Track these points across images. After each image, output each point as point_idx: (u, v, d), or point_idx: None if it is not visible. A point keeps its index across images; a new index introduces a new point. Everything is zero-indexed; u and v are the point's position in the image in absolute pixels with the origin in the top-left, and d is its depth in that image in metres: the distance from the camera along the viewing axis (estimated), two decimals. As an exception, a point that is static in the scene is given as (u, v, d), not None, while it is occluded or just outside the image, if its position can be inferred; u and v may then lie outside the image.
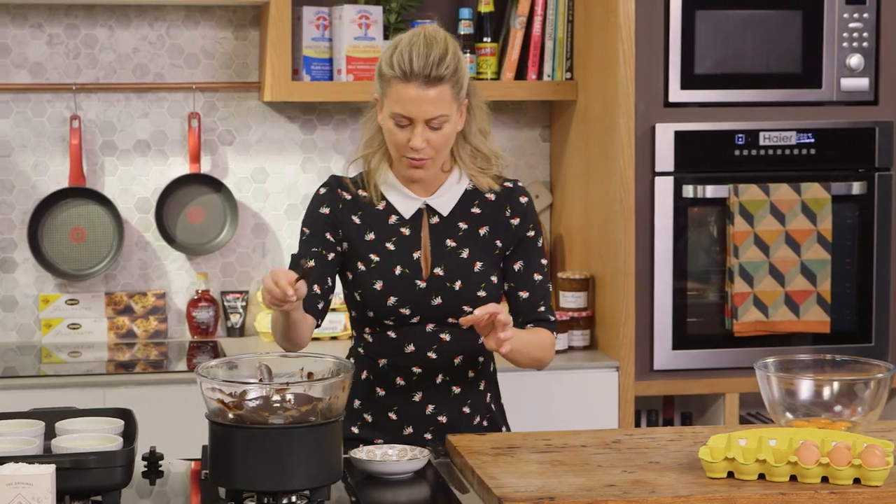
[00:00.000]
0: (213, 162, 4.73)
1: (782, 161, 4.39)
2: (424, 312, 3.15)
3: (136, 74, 4.68)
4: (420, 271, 3.16)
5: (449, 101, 3.06)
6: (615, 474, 2.77)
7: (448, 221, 3.19)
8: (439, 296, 3.15)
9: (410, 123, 3.05)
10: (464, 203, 3.20)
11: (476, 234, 3.19)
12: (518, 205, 3.22)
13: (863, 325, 4.46)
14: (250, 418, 2.57)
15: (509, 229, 3.21)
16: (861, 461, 2.66)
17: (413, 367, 3.18)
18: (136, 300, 4.68)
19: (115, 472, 2.56)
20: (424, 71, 3.02)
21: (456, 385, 3.21)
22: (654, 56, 4.34)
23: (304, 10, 4.55)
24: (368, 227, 3.18)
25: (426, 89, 3.03)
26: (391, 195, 3.19)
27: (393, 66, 3.05)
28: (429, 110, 3.04)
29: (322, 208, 3.20)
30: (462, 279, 3.15)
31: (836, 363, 3.12)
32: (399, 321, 3.16)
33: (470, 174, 3.20)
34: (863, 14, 4.41)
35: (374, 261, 3.15)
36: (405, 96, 3.03)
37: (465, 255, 3.17)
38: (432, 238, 3.18)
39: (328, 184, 3.24)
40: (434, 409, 3.21)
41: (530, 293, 3.22)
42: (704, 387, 4.41)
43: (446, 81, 3.04)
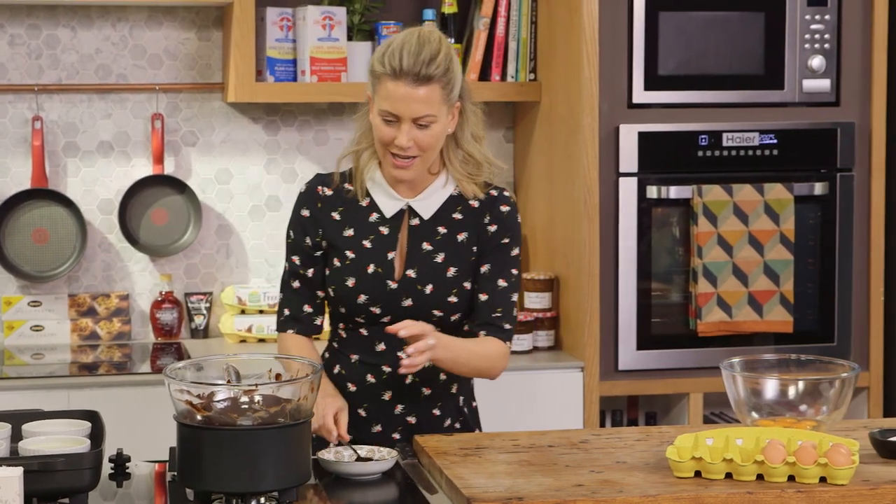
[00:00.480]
0: (176, 163, 4.71)
1: (745, 162, 4.41)
2: (395, 313, 3.16)
3: (98, 75, 4.66)
4: (393, 272, 3.17)
5: (438, 101, 3.06)
6: (583, 474, 2.77)
7: (428, 225, 3.19)
8: (410, 297, 3.16)
9: (398, 121, 3.06)
10: (447, 207, 3.20)
11: (454, 239, 3.19)
12: (498, 213, 3.21)
13: (825, 325, 4.49)
14: (219, 420, 2.57)
15: (485, 235, 3.20)
16: (827, 460, 2.68)
17: (383, 365, 3.19)
18: (99, 302, 4.66)
19: (84, 475, 2.55)
20: (414, 69, 3.03)
21: (426, 387, 3.22)
22: (617, 57, 4.35)
23: (267, 10, 4.54)
24: (348, 223, 3.19)
25: (415, 88, 3.04)
26: (376, 193, 3.20)
27: (384, 64, 3.06)
28: (416, 109, 3.04)
29: (302, 210, 3.23)
30: (434, 283, 3.16)
31: (801, 363, 3.14)
32: (370, 319, 3.18)
33: (457, 179, 3.20)
34: (824, 15, 4.44)
35: (349, 257, 3.17)
36: (394, 94, 3.04)
37: (439, 260, 3.17)
38: (409, 240, 3.18)
39: (310, 183, 3.26)
40: (403, 409, 3.22)
41: (489, 297, 3.20)
42: (669, 387, 4.43)
43: (436, 81, 3.05)
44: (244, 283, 4.76)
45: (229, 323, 4.61)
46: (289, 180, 4.77)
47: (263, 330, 4.60)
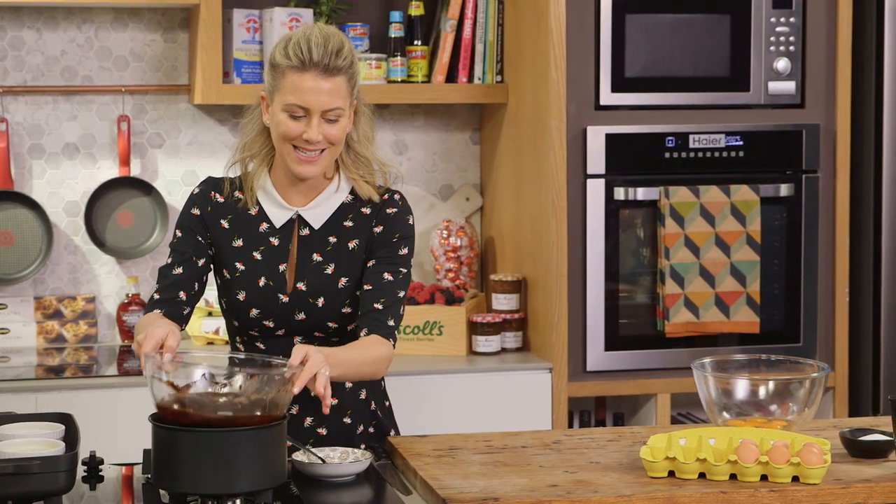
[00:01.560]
0: (142, 165, 4.70)
1: (712, 163, 4.44)
2: (289, 326, 3.09)
3: (64, 77, 4.64)
4: (284, 285, 3.08)
5: (345, 94, 3.00)
6: (557, 475, 2.79)
7: (318, 235, 3.11)
8: (303, 311, 3.08)
9: (306, 115, 2.97)
10: (338, 216, 3.12)
11: (345, 248, 3.11)
12: (384, 215, 3.12)
13: (791, 326, 4.52)
14: (199, 402, 2.56)
15: (372, 237, 3.12)
16: (800, 459, 2.70)
17: None
18: (65, 304, 4.64)
19: (59, 478, 2.53)
20: (323, 61, 2.95)
21: (333, 397, 3.06)
22: (584, 59, 4.37)
23: (234, 12, 4.53)
24: (237, 233, 3.11)
25: (324, 79, 2.96)
26: (265, 202, 3.11)
27: (289, 56, 2.97)
28: (326, 101, 2.96)
29: (193, 209, 3.13)
30: (325, 296, 3.08)
31: (771, 363, 3.17)
32: (264, 333, 3.11)
33: (352, 180, 3.12)
34: (790, 18, 4.47)
35: (239, 269, 3.09)
36: (302, 86, 2.95)
37: (329, 271, 3.10)
38: (299, 251, 3.10)
39: (202, 185, 3.17)
40: (313, 422, 3.15)
41: (373, 287, 3.08)
42: (637, 387, 4.44)
43: (343, 74, 2.98)
44: (211, 286, 4.73)
45: (196, 325, 4.60)
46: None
47: (231, 332, 4.59)
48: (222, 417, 2.57)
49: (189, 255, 3.11)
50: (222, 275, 3.13)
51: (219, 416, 2.57)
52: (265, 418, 2.60)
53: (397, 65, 4.62)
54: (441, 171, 4.91)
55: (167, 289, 3.12)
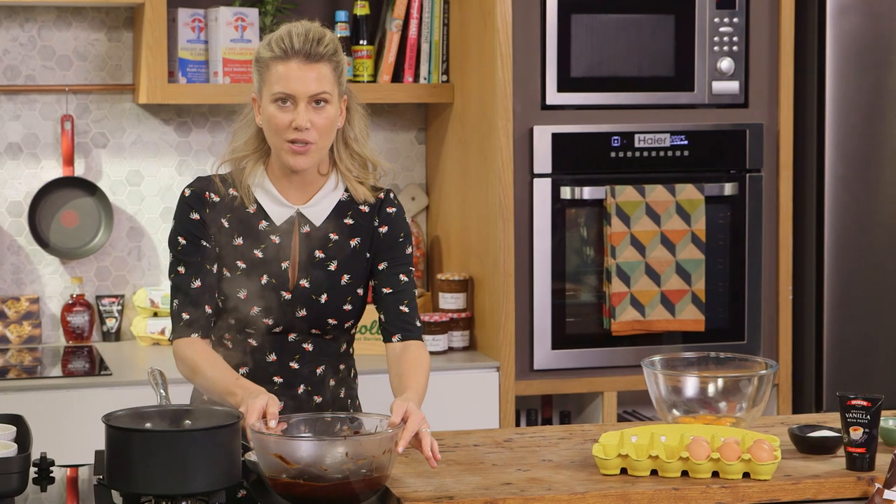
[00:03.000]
0: (86, 165, 4.67)
1: (657, 163, 4.47)
2: (287, 323, 3.09)
3: (6, 76, 4.61)
4: (286, 282, 3.09)
5: (331, 81, 3.01)
6: (510, 473, 2.80)
7: (319, 232, 3.11)
8: (304, 308, 3.09)
9: (293, 103, 2.98)
10: (337, 213, 3.13)
11: (346, 245, 3.12)
12: (386, 214, 3.15)
13: (735, 324, 4.55)
14: (309, 472, 2.55)
15: (377, 237, 3.14)
16: (750, 456, 2.72)
17: (274, 376, 3.11)
18: (9, 305, 4.60)
19: (12, 479, 2.53)
20: (305, 48, 2.98)
21: (318, 395, 3.15)
22: (530, 59, 4.39)
23: (179, 11, 4.52)
24: (237, 232, 3.10)
25: (307, 64, 2.98)
26: (264, 200, 3.10)
27: (272, 48, 3.01)
28: (311, 86, 2.98)
29: (192, 214, 3.09)
30: (328, 292, 3.10)
31: (720, 360, 3.19)
32: (260, 330, 3.10)
33: (347, 180, 3.13)
34: (733, 18, 4.50)
35: (240, 268, 3.07)
36: (286, 74, 2.98)
37: (332, 268, 3.11)
38: (301, 248, 3.10)
39: (194, 187, 3.13)
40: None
41: (394, 290, 3.14)
42: (583, 385, 4.46)
43: (327, 60, 3.01)
44: (156, 286, 4.73)
45: (142, 326, 4.58)
46: (200, 182, 4.74)
47: (176, 332, 4.57)
48: (333, 483, 2.57)
49: (202, 264, 3.08)
50: (221, 273, 3.09)
51: (331, 484, 2.56)
52: (372, 481, 2.60)
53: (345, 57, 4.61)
54: (388, 176, 4.89)
55: (193, 306, 3.07)
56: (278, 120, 3.00)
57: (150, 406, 2.77)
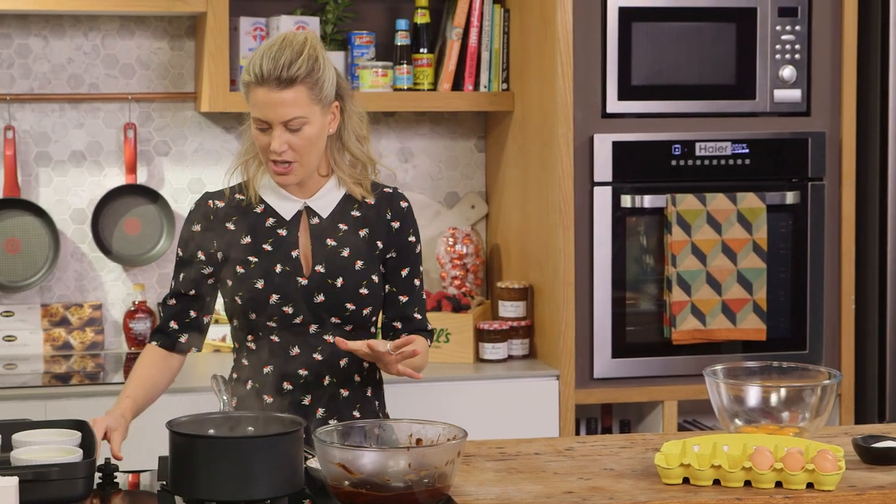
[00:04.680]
0: (149, 172, 4.71)
1: (718, 171, 4.45)
2: (307, 311, 3.14)
3: (70, 85, 4.65)
4: (301, 269, 3.15)
5: (306, 102, 3.04)
6: (572, 481, 2.79)
7: (328, 222, 3.19)
8: (322, 293, 3.14)
9: (269, 127, 3.05)
10: (343, 206, 3.21)
11: (356, 235, 3.19)
12: (399, 208, 3.24)
13: (797, 333, 4.52)
14: (371, 482, 2.56)
15: (390, 231, 3.22)
16: (814, 466, 2.70)
17: (299, 370, 3.16)
18: (72, 312, 4.64)
19: (77, 484, 2.55)
20: (274, 74, 3.02)
21: (344, 388, 3.20)
22: (591, 67, 4.38)
23: (241, 20, 4.54)
24: (244, 232, 3.17)
25: (278, 91, 3.02)
26: (270, 198, 3.19)
27: (249, 72, 3.07)
28: (283, 112, 3.03)
29: (193, 226, 3.20)
30: (343, 277, 3.15)
31: (783, 370, 3.17)
32: (282, 322, 3.14)
33: (344, 181, 3.20)
34: (795, 26, 4.48)
35: (252, 262, 3.14)
36: (259, 100, 3.04)
37: (345, 254, 3.17)
38: (313, 238, 3.17)
39: (198, 200, 3.25)
40: (325, 413, 3.19)
41: (410, 298, 3.25)
42: (644, 394, 4.45)
43: (300, 83, 3.03)
44: (217, 293, 4.75)
45: (203, 332, 4.60)
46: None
47: (237, 339, 4.60)
48: (396, 493, 2.57)
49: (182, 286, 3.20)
50: (234, 273, 3.15)
51: (393, 494, 2.57)
52: (435, 491, 2.60)
53: (403, 73, 4.64)
54: (446, 179, 4.92)
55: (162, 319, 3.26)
56: (259, 141, 3.09)
57: (214, 412, 2.79)
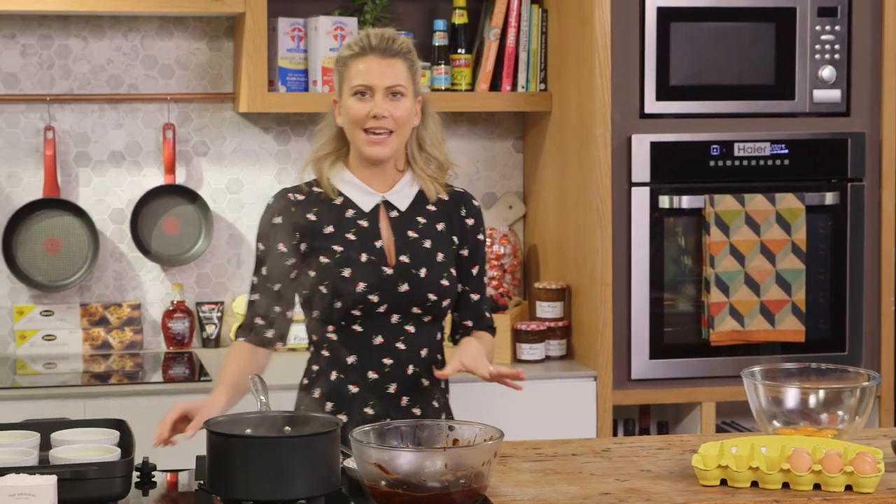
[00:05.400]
0: (187, 173, 4.72)
1: (757, 172, 4.43)
2: (391, 300, 3.21)
3: (110, 85, 4.67)
4: (385, 259, 3.23)
5: (406, 76, 3.22)
6: (609, 482, 2.79)
7: (407, 215, 3.29)
8: (406, 282, 3.22)
9: (371, 94, 3.19)
10: (419, 201, 3.31)
11: (434, 228, 3.29)
12: (472, 206, 3.37)
13: (837, 334, 4.50)
14: (408, 482, 2.56)
15: (465, 228, 3.33)
16: (853, 468, 2.69)
17: (383, 359, 3.23)
18: (111, 311, 4.66)
19: (115, 483, 2.56)
20: (381, 45, 3.21)
21: (425, 378, 3.27)
22: (629, 67, 4.37)
23: (279, 21, 4.55)
24: (325, 222, 3.25)
25: (384, 59, 3.20)
26: (349, 191, 3.27)
27: (350, 47, 3.24)
28: (387, 78, 3.19)
29: (274, 219, 3.26)
30: (427, 267, 3.24)
31: (822, 372, 3.16)
32: (366, 311, 3.20)
33: (420, 178, 3.30)
34: (835, 26, 4.46)
35: (337, 251, 3.22)
36: (364, 68, 3.20)
37: (427, 245, 3.27)
38: (394, 229, 3.26)
39: (277, 194, 3.31)
40: (408, 402, 3.26)
41: (481, 296, 3.38)
42: (681, 396, 4.44)
43: (402, 57, 3.22)
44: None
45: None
46: (299, 190, 4.78)
47: (275, 339, 4.61)
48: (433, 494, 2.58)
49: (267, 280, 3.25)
50: (317, 263, 3.22)
51: (430, 494, 2.57)
52: (471, 492, 2.60)
53: (441, 73, 4.64)
54: (484, 179, 4.92)
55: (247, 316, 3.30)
56: (357, 110, 3.20)
57: (251, 412, 2.80)
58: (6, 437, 2.76)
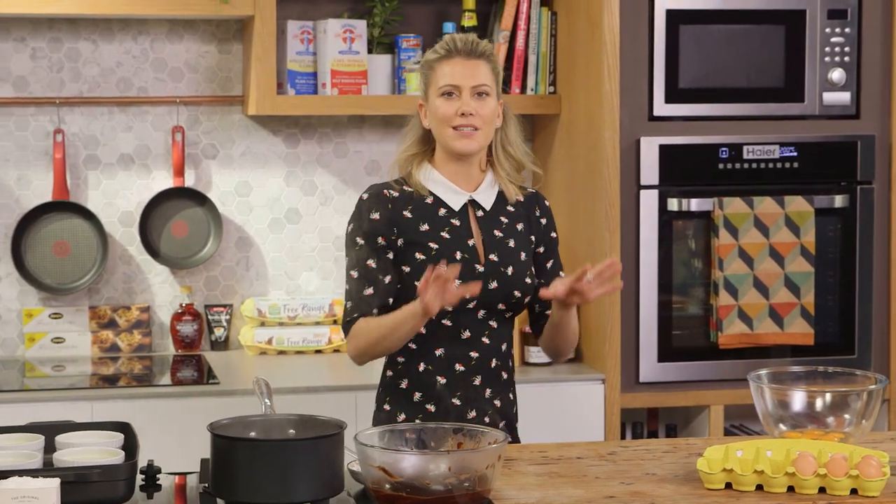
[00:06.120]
0: (196, 175, 4.73)
1: (766, 174, 4.42)
2: (482, 297, 3.27)
3: (119, 88, 4.68)
4: (478, 257, 3.32)
5: (490, 77, 3.33)
6: (613, 486, 2.78)
7: (490, 215, 3.38)
8: (496, 280, 3.31)
9: (458, 94, 3.29)
10: (500, 201, 3.41)
11: (515, 227, 3.40)
12: (545, 206, 3.48)
13: (846, 337, 4.49)
14: (412, 486, 2.57)
15: (540, 227, 3.45)
16: (858, 472, 2.68)
17: (471, 352, 3.31)
18: (120, 314, 4.67)
19: (118, 486, 2.56)
20: (466, 47, 3.32)
21: (504, 371, 3.37)
22: (638, 70, 4.36)
23: (288, 24, 4.56)
24: (421, 219, 3.33)
25: (469, 60, 3.31)
26: (438, 190, 3.36)
27: (437, 51, 3.35)
28: (473, 78, 3.30)
29: (372, 214, 3.32)
30: (513, 265, 3.34)
31: (828, 375, 3.15)
32: (457, 306, 3.25)
33: (500, 178, 3.40)
34: (844, 28, 4.45)
35: (433, 248, 3.30)
36: (451, 70, 3.31)
37: (511, 245, 3.37)
38: (481, 228, 3.36)
39: (371, 190, 3.36)
40: (491, 393, 3.34)
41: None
42: (690, 399, 4.43)
43: (485, 59, 3.33)
44: (264, 296, 4.77)
45: (249, 335, 4.63)
46: (308, 193, 4.79)
47: (283, 342, 4.62)
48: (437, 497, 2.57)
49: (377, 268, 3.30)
50: (413, 259, 3.30)
51: (434, 498, 2.57)
52: (475, 495, 2.59)
53: (499, 70, 4.63)
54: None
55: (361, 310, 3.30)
56: (445, 109, 3.30)
57: (255, 415, 2.80)
58: (11, 439, 2.76)
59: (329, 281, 4.82)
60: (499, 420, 3.33)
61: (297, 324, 4.68)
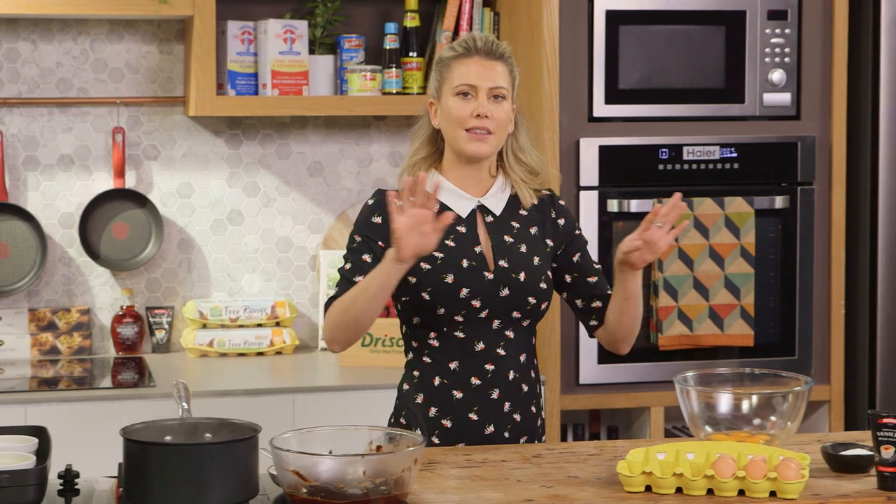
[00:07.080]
0: (137, 177, 4.70)
1: (706, 175, 4.42)
2: (493, 305, 3.21)
3: (59, 89, 4.65)
4: (486, 264, 3.23)
5: (507, 80, 3.24)
6: (533, 489, 2.77)
7: (501, 220, 3.29)
8: (507, 287, 3.21)
9: (474, 94, 3.20)
10: (511, 206, 3.32)
11: (528, 232, 3.30)
12: (560, 206, 3.37)
13: (786, 339, 4.49)
14: (327, 490, 2.55)
15: (557, 228, 3.33)
16: (777, 474, 2.67)
17: (486, 364, 3.22)
18: (59, 316, 4.64)
19: (27, 491, 2.53)
20: (486, 47, 3.23)
21: (524, 383, 3.26)
22: (578, 71, 4.36)
23: (228, 24, 4.53)
24: None
25: (487, 61, 3.22)
26: (445, 197, 3.26)
27: (454, 49, 3.25)
28: (491, 79, 3.21)
29: (374, 218, 3.25)
30: (525, 271, 3.24)
31: (756, 377, 3.14)
32: (468, 316, 3.20)
33: (515, 182, 3.31)
34: (784, 29, 4.45)
35: (438, 257, 3.20)
36: (468, 69, 3.22)
37: (523, 250, 3.26)
38: (490, 234, 3.27)
39: (376, 196, 3.29)
40: (510, 407, 3.24)
41: (598, 277, 3.36)
42: (630, 400, 4.42)
43: (504, 61, 3.24)
44: (206, 298, 4.75)
45: (191, 337, 4.60)
46: (251, 194, 4.76)
47: (225, 344, 4.59)
48: (352, 501, 2.56)
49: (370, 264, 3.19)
50: (418, 269, 3.19)
51: (349, 502, 2.55)
52: (392, 499, 2.58)
53: (392, 76, 4.62)
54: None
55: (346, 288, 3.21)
56: (460, 110, 3.21)
57: (171, 419, 2.77)
58: (-77, 444, 2.73)
59: (272, 283, 4.80)
60: (519, 436, 3.23)
61: (239, 326, 4.66)
